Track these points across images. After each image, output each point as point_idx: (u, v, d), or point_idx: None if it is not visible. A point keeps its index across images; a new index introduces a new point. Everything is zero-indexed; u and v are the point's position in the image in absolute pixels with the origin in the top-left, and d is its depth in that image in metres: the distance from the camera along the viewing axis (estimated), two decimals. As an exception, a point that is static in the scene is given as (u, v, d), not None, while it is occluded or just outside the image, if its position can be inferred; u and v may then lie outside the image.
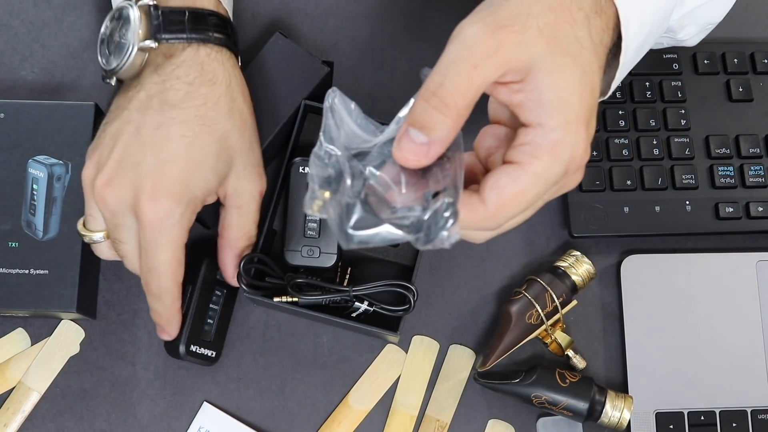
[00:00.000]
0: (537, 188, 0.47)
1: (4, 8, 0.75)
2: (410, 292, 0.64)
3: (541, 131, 0.47)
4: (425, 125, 0.46)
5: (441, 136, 0.46)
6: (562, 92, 0.47)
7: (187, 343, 0.64)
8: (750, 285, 0.71)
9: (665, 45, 0.70)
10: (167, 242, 0.57)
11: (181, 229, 0.57)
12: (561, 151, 0.47)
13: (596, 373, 0.69)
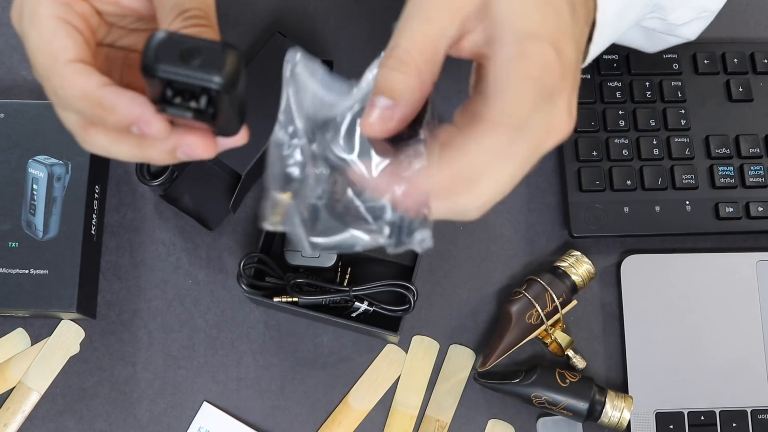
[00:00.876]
0: (502, 131, 0.41)
1: (4, 7, 0.75)
2: (410, 292, 0.64)
3: (497, 49, 0.41)
4: (387, 88, 0.41)
5: (404, 95, 0.41)
6: (517, 8, 0.42)
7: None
8: (750, 285, 0.71)
9: (659, 30, 0.65)
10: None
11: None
12: (526, 68, 0.41)
13: (596, 373, 0.69)
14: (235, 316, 0.70)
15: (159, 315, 0.70)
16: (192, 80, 0.37)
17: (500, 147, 0.41)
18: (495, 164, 0.42)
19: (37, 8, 0.44)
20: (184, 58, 0.36)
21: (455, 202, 0.42)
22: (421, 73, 0.42)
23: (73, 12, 0.45)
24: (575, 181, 0.71)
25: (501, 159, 0.42)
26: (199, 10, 0.43)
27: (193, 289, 0.70)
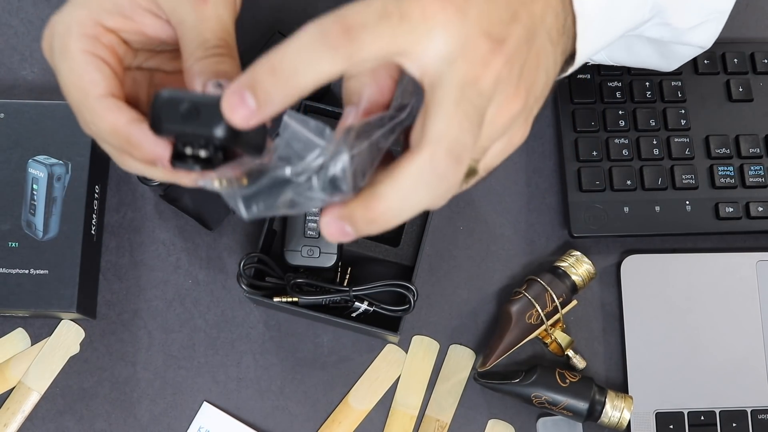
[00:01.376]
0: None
1: (4, 7, 0.75)
2: (410, 292, 0.64)
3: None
4: (346, 98, 0.43)
5: (358, 95, 0.42)
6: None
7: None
8: (750, 285, 0.71)
9: (667, 39, 0.61)
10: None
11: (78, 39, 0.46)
12: (420, 46, 0.38)
13: (596, 373, 0.69)
14: (235, 316, 0.70)
15: (159, 315, 0.70)
16: (195, 135, 0.39)
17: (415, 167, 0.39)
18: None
19: (67, 43, 0.45)
20: (185, 116, 0.39)
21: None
22: (375, 71, 0.42)
23: (100, 44, 0.46)
24: (575, 181, 0.71)
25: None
26: (219, 40, 0.45)
27: (193, 289, 0.70)
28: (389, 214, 0.39)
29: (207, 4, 0.46)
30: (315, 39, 0.38)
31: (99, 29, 0.46)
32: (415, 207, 0.39)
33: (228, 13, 0.48)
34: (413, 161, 0.38)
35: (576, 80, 0.73)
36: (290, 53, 0.38)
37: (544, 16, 0.43)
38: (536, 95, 0.44)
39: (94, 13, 0.46)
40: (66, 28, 0.46)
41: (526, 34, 0.41)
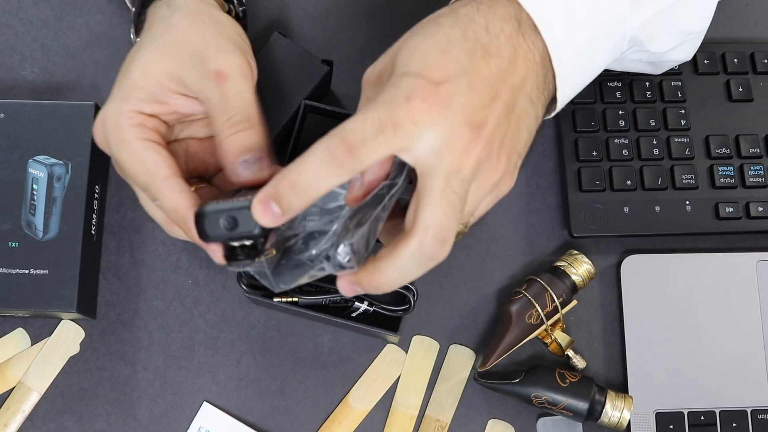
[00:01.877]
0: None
1: (4, 7, 0.75)
2: (410, 292, 0.64)
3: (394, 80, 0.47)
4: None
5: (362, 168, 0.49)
6: (407, 55, 0.47)
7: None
8: (750, 285, 0.71)
9: (647, 60, 0.65)
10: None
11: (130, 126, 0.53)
12: (400, 81, 0.46)
13: (596, 373, 0.69)
14: (235, 316, 0.70)
15: (159, 315, 0.70)
16: (239, 239, 0.48)
17: (409, 250, 0.47)
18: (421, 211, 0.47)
19: (121, 136, 0.52)
20: (227, 226, 0.47)
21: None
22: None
23: (148, 130, 0.53)
24: (575, 181, 0.71)
25: (426, 205, 0.47)
26: (242, 114, 0.52)
27: (193, 289, 0.70)
28: (389, 283, 0.48)
29: (228, 81, 0.52)
30: (324, 160, 0.44)
31: (142, 117, 0.53)
32: (409, 278, 0.48)
33: (248, 85, 0.53)
34: (407, 246, 0.46)
35: (576, 80, 0.73)
36: (305, 172, 0.45)
37: (524, 82, 0.49)
38: (519, 153, 0.50)
39: (134, 105, 0.52)
40: (116, 124, 0.52)
41: (505, 109, 0.48)
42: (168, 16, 0.56)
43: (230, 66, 0.53)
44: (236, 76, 0.53)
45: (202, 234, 0.48)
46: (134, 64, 0.54)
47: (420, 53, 0.47)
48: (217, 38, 0.54)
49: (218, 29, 0.55)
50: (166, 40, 0.54)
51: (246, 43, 0.57)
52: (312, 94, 0.68)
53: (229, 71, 0.52)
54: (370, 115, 0.45)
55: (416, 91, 0.45)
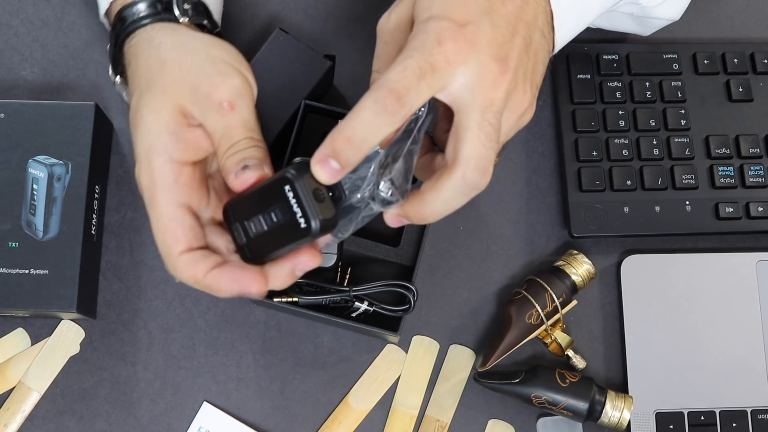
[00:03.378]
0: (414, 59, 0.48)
1: (4, 7, 0.75)
2: (410, 292, 0.64)
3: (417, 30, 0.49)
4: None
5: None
6: (429, 1, 0.49)
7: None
8: (750, 285, 0.71)
9: (638, 14, 0.68)
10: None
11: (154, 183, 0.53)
12: (426, 24, 0.48)
13: (596, 373, 0.69)
14: (235, 316, 0.70)
15: (159, 315, 0.70)
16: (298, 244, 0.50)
17: (452, 182, 0.49)
18: (461, 145, 0.49)
19: (153, 196, 0.52)
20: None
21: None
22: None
23: (182, 186, 0.52)
24: (575, 181, 0.71)
25: (466, 139, 0.49)
26: (245, 141, 0.52)
27: (193, 289, 0.70)
28: (434, 214, 0.51)
29: (234, 111, 0.53)
30: (377, 111, 0.47)
31: (175, 168, 0.52)
32: (453, 207, 0.50)
33: (251, 113, 0.54)
34: (451, 178, 0.49)
35: (576, 80, 0.73)
36: (359, 126, 0.47)
37: (536, 18, 0.52)
38: (537, 84, 0.53)
39: (163, 155, 0.52)
40: (150, 181, 0.52)
41: (524, 43, 0.51)
42: (156, 54, 0.56)
43: (233, 93, 0.53)
44: (240, 105, 0.53)
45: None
46: (145, 109, 0.53)
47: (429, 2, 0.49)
48: (214, 65, 0.54)
49: (211, 55, 0.55)
50: (166, 78, 0.54)
51: (239, 58, 0.57)
52: (315, 90, 0.68)
53: (234, 100, 0.53)
54: (409, 63, 0.47)
55: (445, 34, 0.48)
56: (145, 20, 0.58)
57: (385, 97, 0.47)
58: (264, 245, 0.50)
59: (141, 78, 0.55)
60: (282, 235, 0.49)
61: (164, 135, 0.52)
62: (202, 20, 0.61)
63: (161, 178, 0.52)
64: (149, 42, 0.57)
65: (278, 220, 0.49)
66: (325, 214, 0.48)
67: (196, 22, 0.60)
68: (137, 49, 0.57)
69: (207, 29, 0.62)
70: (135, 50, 0.57)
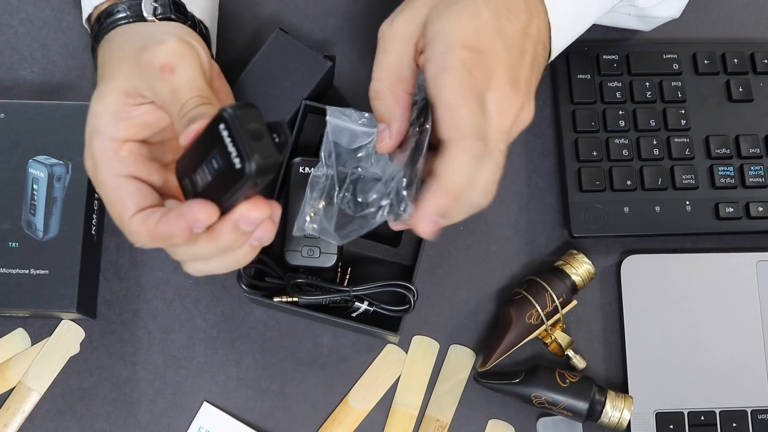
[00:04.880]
0: (466, 145, 0.50)
1: (4, 7, 0.75)
2: (410, 292, 0.64)
3: (429, 66, 0.51)
4: (378, 116, 0.54)
5: (390, 116, 0.53)
6: (438, 23, 0.51)
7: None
8: (750, 285, 0.71)
9: (635, 14, 0.70)
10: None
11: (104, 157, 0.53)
12: (450, 78, 0.50)
13: (596, 373, 0.69)
14: (235, 316, 0.70)
15: (159, 315, 0.70)
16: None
17: (472, 158, 0.50)
18: (476, 172, 0.51)
19: (96, 176, 0.52)
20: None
21: (459, 206, 0.52)
22: (394, 93, 0.53)
23: (123, 159, 0.52)
24: (575, 181, 0.71)
25: (479, 166, 0.51)
26: (196, 98, 0.50)
27: (193, 289, 0.70)
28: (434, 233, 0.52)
29: (175, 74, 0.51)
30: (474, 162, 0.50)
31: (114, 146, 0.52)
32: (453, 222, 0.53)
33: (197, 73, 0.53)
34: (461, 203, 0.53)
35: (576, 80, 0.73)
36: (461, 180, 0.50)
37: (539, 32, 0.55)
38: (535, 91, 0.55)
39: (103, 134, 0.52)
40: (92, 162, 0.53)
41: (531, 60, 0.54)
42: (108, 49, 0.57)
43: (172, 55, 0.52)
44: (182, 66, 0.52)
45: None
46: (92, 100, 0.54)
47: (453, 20, 0.51)
48: (154, 36, 0.54)
49: (153, 32, 0.56)
50: (109, 64, 0.55)
51: (186, 30, 0.57)
52: (315, 90, 0.68)
53: (173, 62, 0.52)
54: (471, 102, 0.50)
55: (470, 64, 0.50)
56: (117, 23, 0.59)
57: (478, 146, 0.50)
58: (211, 198, 0.46)
59: (97, 75, 0.58)
60: (223, 182, 0.45)
61: (105, 116, 0.53)
62: (169, 15, 0.60)
63: (101, 155, 0.52)
64: (109, 42, 0.58)
65: (219, 166, 0.44)
66: (262, 153, 0.43)
67: (162, 17, 0.60)
68: (102, 52, 0.59)
69: (176, 23, 0.61)
70: (101, 53, 0.59)
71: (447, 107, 0.50)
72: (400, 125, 0.53)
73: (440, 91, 0.50)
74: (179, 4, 0.61)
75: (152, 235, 0.49)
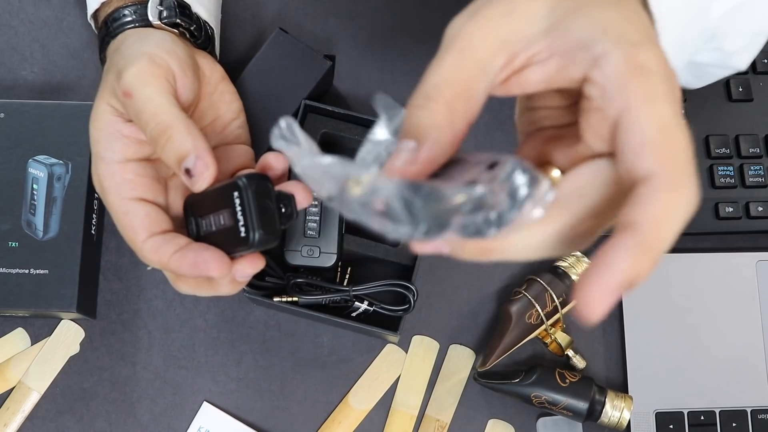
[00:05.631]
0: (665, 109, 0.34)
1: (4, 8, 0.75)
2: (410, 292, 0.64)
3: (605, 62, 0.35)
4: (411, 128, 0.38)
5: (430, 134, 0.37)
6: (599, 20, 0.36)
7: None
8: (750, 285, 0.71)
9: (711, 63, 0.59)
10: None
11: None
12: (645, 60, 0.35)
13: (596, 373, 0.69)
14: (235, 316, 0.70)
15: (159, 315, 0.70)
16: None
17: (682, 207, 0.35)
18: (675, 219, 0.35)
19: (107, 200, 0.54)
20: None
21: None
22: (453, 111, 0.37)
23: (129, 182, 0.53)
24: (575, 181, 0.71)
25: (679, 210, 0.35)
26: (156, 126, 0.51)
27: (193, 289, 0.70)
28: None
29: (131, 97, 0.52)
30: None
31: (119, 169, 0.53)
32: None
33: (153, 90, 0.52)
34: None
35: (576, 80, 0.73)
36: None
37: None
38: None
39: (105, 160, 0.54)
40: (101, 187, 0.54)
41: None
42: (108, 59, 0.58)
43: (133, 79, 0.52)
44: (138, 88, 0.52)
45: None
46: (90, 122, 0.55)
47: (614, 12, 0.36)
48: (126, 59, 0.54)
49: (132, 50, 0.55)
50: (102, 84, 0.55)
51: (169, 46, 0.55)
52: (315, 90, 0.68)
53: (130, 85, 0.52)
54: (680, 121, 0.35)
55: (667, 69, 0.35)
56: (125, 27, 0.59)
57: (690, 183, 0.35)
58: (212, 244, 0.50)
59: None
60: (226, 239, 0.50)
61: (102, 141, 0.54)
62: (174, 19, 0.60)
63: (107, 180, 0.54)
64: (111, 48, 0.59)
65: (224, 224, 0.49)
66: (266, 229, 0.48)
67: (168, 22, 0.60)
68: (107, 57, 0.59)
69: (183, 27, 0.61)
70: (107, 57, 0.59)
71: (654, 125, 0.34)
72: (441, 150, 0.38)
73: (637, 102, 0.34)
74: (184, 6, 0.62)
75: (164, 266, 0.52)
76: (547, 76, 0.38)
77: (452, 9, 0.39)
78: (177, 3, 0.61)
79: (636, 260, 0.35)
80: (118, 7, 0.60)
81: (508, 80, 0.38)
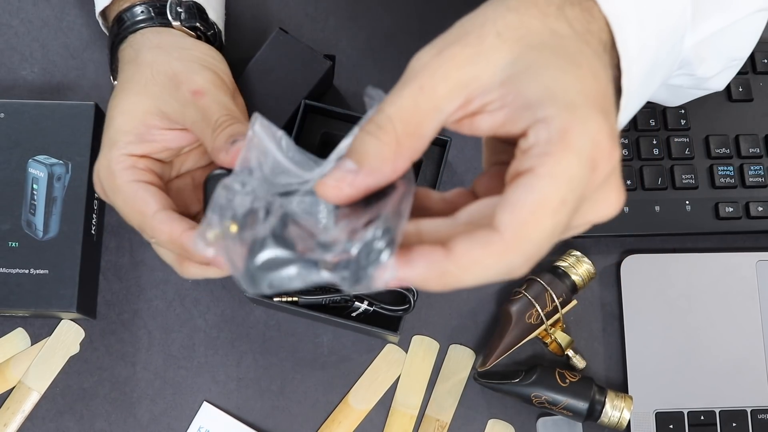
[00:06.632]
0: (559, 191, 0.36)
1: (4, 8, 0.75)
2: (410, 292, 0.64)
3: (541, 127, 0.37)
4: (356, 152, 0.38)
5: (373, 164, 0.38)
6: (550, 83, 0.37)
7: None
8: (750, 285, 0.71)
9: (686, 86, 0.61)
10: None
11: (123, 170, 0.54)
12: (574, 138, 0.36)
13: (596, 373, 0.69)
14: (235, 316, 0.70)
15: (159, 315, 0.70)
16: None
17: (497, 274, 0.41)
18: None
19: (113, 182, 0.53)
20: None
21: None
22: (400, 146, 0.38)
23: (139, 170, 0.54)
24: (575, 181, 0.71)
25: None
26: (225, 116, 0.52)
27: (193, 289, 0.70)
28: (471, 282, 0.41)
29: (204, 96, 0.53)
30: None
31: (132, 159, 0.54)
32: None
33: (224, 95, 0.55)
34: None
35: (576, 80, 0.73)
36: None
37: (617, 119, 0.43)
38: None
39: (123, 150, 0.54)
40: (108, 171, 0.53)
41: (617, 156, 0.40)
42: (134, 57, 0.57)
43: (203, 82, 0.54)
44: (211, 91, 0.54)
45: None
46: (115, 110, 0.55)
47: (574, 79, 0.38)
48: (185, 63, 0.56)
49: (184, 55, 0.57)
50: (138, 80, 0.55)
51: (217, 61, 0.58)
52: (315, 90, 0.68)
53: (204, 87, 0.54)
54: (570, 205, 0.38)
55: (599, 156, 0.37)
56: (139, 25, 0.60)
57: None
58: None
59: (119, 80, 0.58)
60: None
61: (129, 135, 0.54)
62: (194, 22, 0.61)
63: (118, 164, 0.53)
64: (133, 47, 0.59)
65: None
66: None
67: (188, 25, 0.61)
68: (122, 54, 0.59)
69: (200, 31, 0.62)
70: (123, 55, 0.59)
71: (535, 200, 0.36)
72: (377, 180, 0.39)
73: (540, 172, 0.36)
74: (202, 11, 0.62)
75: (174, 240, 0.51)
76: (494, 125, 0.39)
77: (452, 9, 0.39)
78: (196, 6, 0.61)
79: (428, 270, 0.37)
80: (132, 4, 0.60)
81: (460, 121, 0.40)
